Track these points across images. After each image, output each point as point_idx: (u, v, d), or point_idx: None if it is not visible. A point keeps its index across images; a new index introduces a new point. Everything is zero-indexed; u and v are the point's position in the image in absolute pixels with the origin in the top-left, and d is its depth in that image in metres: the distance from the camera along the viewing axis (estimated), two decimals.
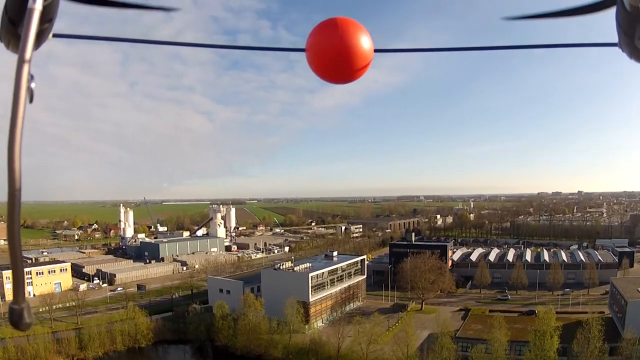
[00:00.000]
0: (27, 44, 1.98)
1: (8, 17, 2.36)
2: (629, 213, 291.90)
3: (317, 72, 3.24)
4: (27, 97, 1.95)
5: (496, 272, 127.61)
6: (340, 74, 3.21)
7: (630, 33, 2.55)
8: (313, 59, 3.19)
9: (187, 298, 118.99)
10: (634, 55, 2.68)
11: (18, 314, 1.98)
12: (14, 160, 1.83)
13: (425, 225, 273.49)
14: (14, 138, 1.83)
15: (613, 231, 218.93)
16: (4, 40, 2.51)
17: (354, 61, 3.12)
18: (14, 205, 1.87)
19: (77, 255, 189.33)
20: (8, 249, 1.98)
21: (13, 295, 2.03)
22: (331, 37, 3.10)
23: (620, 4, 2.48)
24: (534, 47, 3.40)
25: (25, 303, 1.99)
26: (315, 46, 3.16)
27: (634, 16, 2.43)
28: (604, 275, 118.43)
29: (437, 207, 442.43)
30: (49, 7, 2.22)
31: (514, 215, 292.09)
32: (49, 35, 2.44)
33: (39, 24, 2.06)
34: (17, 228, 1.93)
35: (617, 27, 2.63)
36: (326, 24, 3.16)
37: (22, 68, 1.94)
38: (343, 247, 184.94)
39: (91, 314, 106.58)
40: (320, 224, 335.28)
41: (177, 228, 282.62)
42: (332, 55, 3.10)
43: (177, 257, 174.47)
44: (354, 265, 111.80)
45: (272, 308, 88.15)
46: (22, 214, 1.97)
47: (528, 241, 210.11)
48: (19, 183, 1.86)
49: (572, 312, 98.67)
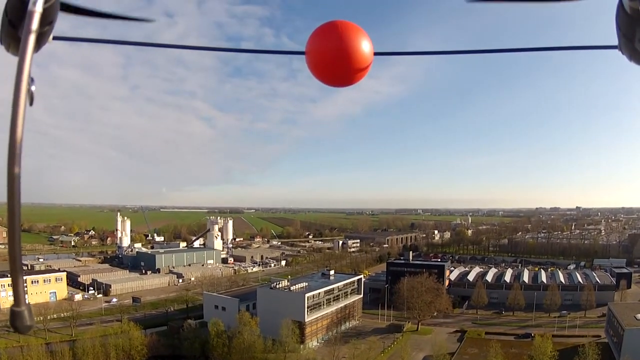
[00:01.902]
0: (27, 46, 1.98)
1: (8, 20, 2.36)
2: (627, 231, 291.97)
3: (316, 75, 3.26)
4: (27, 100, 1.95)
5: (493, 293, 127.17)
6: (340, 76, 3.23)
7: (630, 36, 2.56)
8: (313, 62, 3.21)
9: (183, 312, 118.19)
10: (633, 57, 2.71)
11: (19, 316, 1.99)
12: (14, 164, 1.83)
13: (422, 240, 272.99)
14: (15, 142, 1.83)
15: (611, 250, 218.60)
16: (4, 43, 2.50)
17: (353, 64, 3.14)
18: (14, 209, 1.87)
19: (73, 263, 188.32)
20: (8, 251, 1.98)
21: (14, 297, 2.05)
22: (331, 40, 3.12)
23: (620, 7, 2.48)
24: (534, 50, 3.44)
25: (26, 305, 2.01)
26: (315, 49, 3.18)
27: (634, 19, 2.43)
28: (602, 297, 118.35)
29: (435, 221, 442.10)
30: (49, 10, 2.21)
31: (512, 232, 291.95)
32: (49, 38, 2.44)
33: (39, 26, 2.07)
34: (17, 230, 1.93)
35: (617, 30, 2.66)
36: (326, 27, 3.19)
37: (22, 71, 1.93)
38: (340, 262, 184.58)
39: (85, 325, 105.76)
40: (317, 236, 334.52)
41: (174, 237, 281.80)
42: (332, 58, 3.12)
43: (173, 268, 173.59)
44: (350, 284, 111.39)
45: (268, 327, 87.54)
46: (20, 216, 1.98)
47: (526, 259, 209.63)
48: (19, 187, 1.86)
49: (568, 336, 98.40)
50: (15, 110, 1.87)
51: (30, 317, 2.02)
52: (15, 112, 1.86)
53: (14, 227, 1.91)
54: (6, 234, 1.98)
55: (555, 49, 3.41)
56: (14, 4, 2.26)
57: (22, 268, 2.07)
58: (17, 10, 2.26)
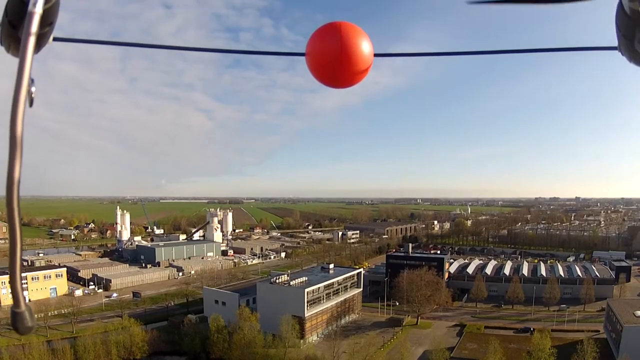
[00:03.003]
0: (28, 47, 1.97)
1: (8, 21, 2.33)
2: (626, 223, 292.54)
3: (316, 77, 3.24)
4: (27, 101, 1.93)
5: (492, 286, 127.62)
6: (340, 78, 3.21)
7: (630, 37, 2.55)
8: (313, 64, 3.19)
9: (183, 306, 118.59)
10: (633, 58, 2.69)
11: (20, 317, 1.99)
12: (14, 166, 1.82)
13: (422, 231, 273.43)
14: (15, 143, 1.81)
15: (610, 242, 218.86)
16: (4, 44, 2.48)
17: (353, 66, 3.12)
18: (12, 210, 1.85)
19: (73, 257, 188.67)
20: (9, 253, 1.97)
21: (13, 299, 2.04)
22: (331, 42, 3.09)
23: (620, 8, 2.48)
24: (534, 52, 3.36)
25: (27, 306, 2.01)
26: (315, 51, 3.16)
27: (634, 20, 2.43)
28: (601, 290, 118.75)
29: (435, 211, 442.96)
30: (49, 11, 2.20)
31: (512, 223, 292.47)
32: (49, 39, 2.43)
33: (39, 27, 2.06)
34: (17, 233, 1.91)
35: (617, 31, 2.63)
36: (326, 29, 3.16)
37: (22, 72, 1.92)
38: (340, 254, 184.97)
39: (86, 322, 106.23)
40: (317, 227, 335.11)
41: (174, 229, 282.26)
42: (332, 60, 3.10)
43: (173, 261, 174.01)
44: (350, 278, 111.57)
45: (268, 322, 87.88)
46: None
47: (525, 251, 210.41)
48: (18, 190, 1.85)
49: (567, 330, 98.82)
50: (14, 112, 1.85)
51: (31, 318, 2.03)
52: (15, 113, 1.85)
53: (14, 229, 1.89)
54: (7, 229, 1.97)
55: (556, 50, 3.28)
56: (14, 5, 2.24)
57: (21, 270, 2.04)
58: (18, 11, 2.24)
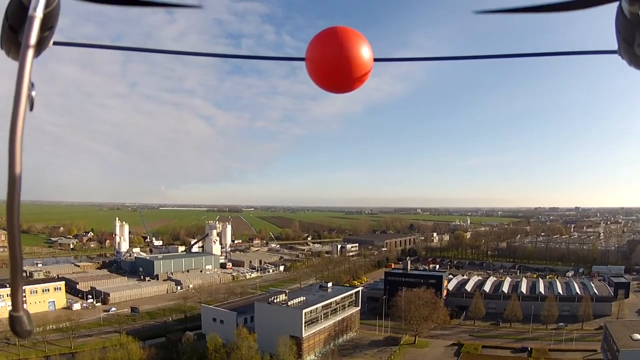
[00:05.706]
0: (28, 51, 1.97)
1: (9, 25, 2.35)
2: (626, 235, 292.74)
3: (316, 82, 3.28)
4: (28, 106, 1.93)
5: (491, 303, 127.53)
6: (340, 83, 3.24)
7: (630, 40, 2.54)
8: (313, 69, 3.22)
9: (181, 322, 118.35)
10: (633, 62, 2.70)
11: (18, 321, 1.99)
12: (14, 169, 1.80)
13: (421, 244, 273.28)
14: (14, 148, 1.79)
15: (610, 256, 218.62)
16: (4, 48, 2.49)
17: (353, 71, 3.15)
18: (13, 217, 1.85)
19: (72, 268, 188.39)
20: (9, 259, 1.96)
21: (12, 303, 2.05)
22: (331, 47, 3.12)
23: (620, 11, 2.46)
24: (534, 56, 3.43)
25: (25, 310, 2.00)
26: (315, 55, 3.19)
27: (633, 23, 2.42)
28: (599, 308, 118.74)
29: (434, 221, 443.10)
30: (49, 15, 2.20)
31: (511, 235, 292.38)
32: (49, 43, 2.43)
33: (39, 31, 2.05)
34: (17, 238, 1.91)
35: (617, 35, 2.65)
36: (326, 34, 3.19)
37: (22, 76, 1.91)
38: (339, 267, 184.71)
39: (85, 337, 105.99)
40: (316, 238, 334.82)
41: (173, 239, 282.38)
42: (332, 65, 3.13)
43: (172, 274, 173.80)
44: (348, 297, 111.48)
45: (265, 341, 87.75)
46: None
47: (524, 265, 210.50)
48: (19, 194, 1.84)
49: (565, 350, 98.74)
50: (14, 116, 1.84)
51: (29, 322, 2.02)
52: (15, 118, 1.83)
53: (13, 233, 1.89)
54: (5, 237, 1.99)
55: (556, 54, 3.40)
56: (14, 9, 2.25)
57: (22, 274, 2.06)
58: (18, 15, 2.24)
